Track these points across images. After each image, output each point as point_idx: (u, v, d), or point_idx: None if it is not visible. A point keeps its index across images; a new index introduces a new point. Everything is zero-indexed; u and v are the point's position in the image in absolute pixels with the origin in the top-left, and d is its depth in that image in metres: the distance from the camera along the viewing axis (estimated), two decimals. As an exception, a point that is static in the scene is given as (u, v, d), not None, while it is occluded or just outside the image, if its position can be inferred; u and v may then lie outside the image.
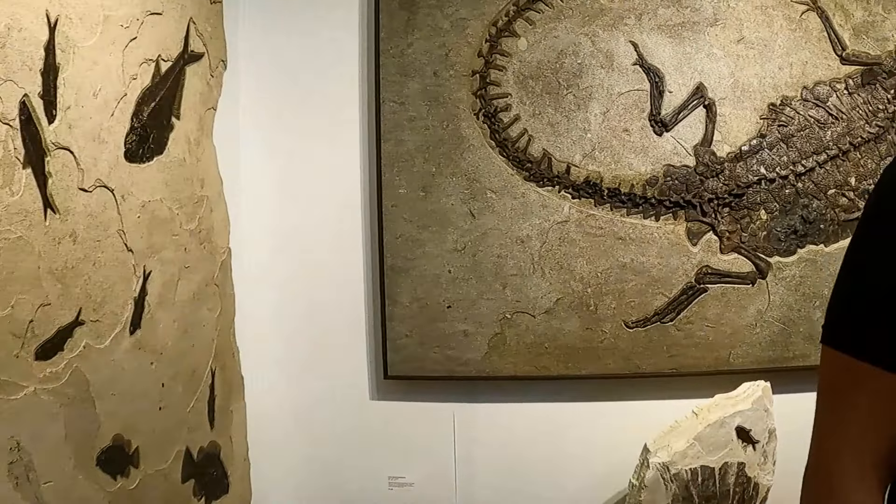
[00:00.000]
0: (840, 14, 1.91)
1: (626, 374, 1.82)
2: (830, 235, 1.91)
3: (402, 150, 1.76)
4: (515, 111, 1.77)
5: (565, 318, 1.79)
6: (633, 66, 1.81)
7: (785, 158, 1.86)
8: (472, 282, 1.77)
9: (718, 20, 1.85)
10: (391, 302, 1.76)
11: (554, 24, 1.79)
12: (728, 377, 1.89)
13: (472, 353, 1.77)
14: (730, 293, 1.86)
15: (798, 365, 1.94)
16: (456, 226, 1.76)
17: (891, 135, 1.92)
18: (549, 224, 1.77)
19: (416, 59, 1.77)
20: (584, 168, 1.77)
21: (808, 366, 1.95)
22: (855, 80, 1.91)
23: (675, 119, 1.81)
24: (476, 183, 1.76)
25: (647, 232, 1.80)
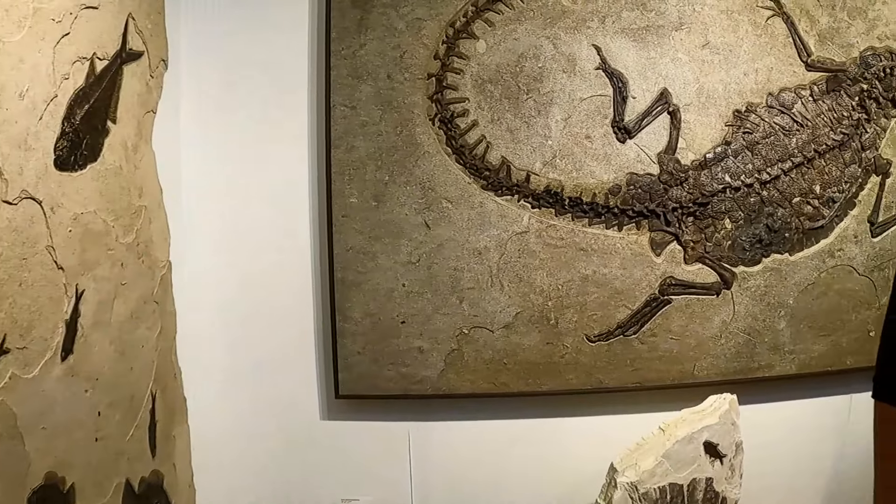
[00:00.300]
0: (806, 20, 1.97)
1: (588, 389, 1.87)
2: (795, 244, 1.98)
3: (353, 157, 1.77)
4: (473, 117, 1.80)
5: (525, 332, 1.83)
6: (596, 71, 1.85)
7: (750, 166, 1.91)
8: (427, 296, 1.79)
9: (683, 24, 1.91)
10: (342, 317, 1.78)
11: (514, 25, 1.83)
12: (693, 390, 1.95)
13: (427, 371, 1.79)
14: (694, 304, 1.91)
15: (763, 376, 2.02)
16: (410, 237, 1.77)
17: (855, 142, 1.99)
18: (508, 235, 1.81)
19: (369, 61, 1.78)
20: (545, 176, 1.81)
21: (774, 376, 2.02)
22: (820, 86, 1.97)
23: (638, 126, 1.86)
24: (431, 192, 1.78)
25: (609, 242, 1.86)
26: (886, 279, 2.11)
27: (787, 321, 2.02)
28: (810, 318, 2.05)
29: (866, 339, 2.14)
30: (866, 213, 2.07)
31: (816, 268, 2.03)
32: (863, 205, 2.06)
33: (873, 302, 2.12)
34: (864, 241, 2.07)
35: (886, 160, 2.07)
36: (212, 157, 1.91)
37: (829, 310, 2.06)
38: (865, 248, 2.08)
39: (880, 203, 2.08)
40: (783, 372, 2.04)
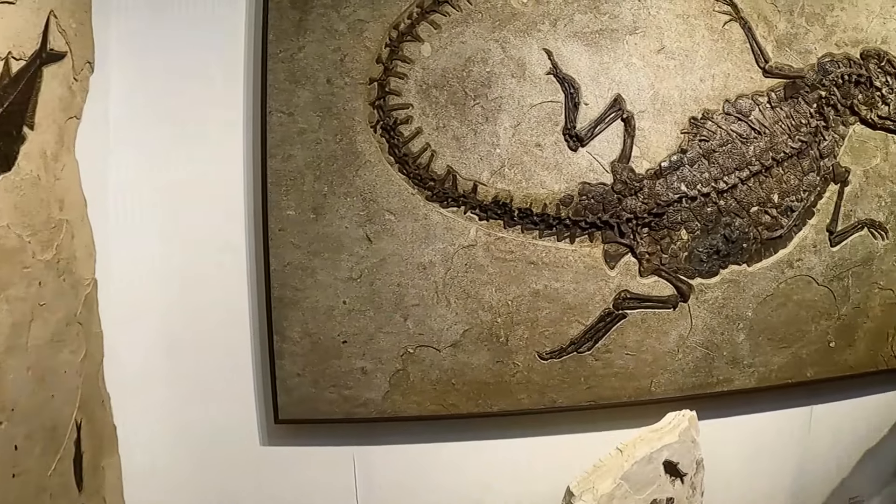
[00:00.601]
0: (763, 25, 2.03)
1: (541, 408, 1.90)
2: (753, 255, 2.02)
3: (290, 167, 1.76)
4: (417, 124, 1.82)
5: (473, 351, 1.85)
6: (547, 76, 1.89)
7: (706, 175, 1.95)
8: (370, 314, 1.80)
9: (638, 28, 1.95)
10: (280, 338, 1.77)
11: (461, 28, 1.85)
12: (651, 407, 2.00)
13: (371, 393, 1.80)
14: (650, 318, 1.95)
15: (723, 390, 2.06)
16: (351, 252, 1.78)
17: (813, 150, 2.04)
18: (454, 248, 1.83)
19: (308, 65, 1.78)
20: (493, 186, 1.83)
21: (733, 390, 2.06)
22: (778, 93, 2.02)
23: (591, 133, 1.89)
24: (373, 203, 1.79)
25: (561, 255, 1.89)
26: (846, 289, 2.18)
27: (746, 334, 2.07)
28: (769, 330, 2.09)
29: (826, 350, 2.19)
30: (825, 222, 2.13)
31: (775, 278, 2.07)
32: (821, 214, 2.12)
33: (833, 312, 2.17)
34: (823, 251, 2.13)
35: (845, 168, 2.13)
36: (142, 166, 1.89)
37: (789, 321, 2.11)
38: (825, 258, 2.13)
39: (839, 212, 2.14)
40: (743, 386, 2.09)
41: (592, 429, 2.00)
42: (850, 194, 2.17)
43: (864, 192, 2.19)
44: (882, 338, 2.31)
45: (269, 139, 1.79)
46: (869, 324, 2.27)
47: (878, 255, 2.24)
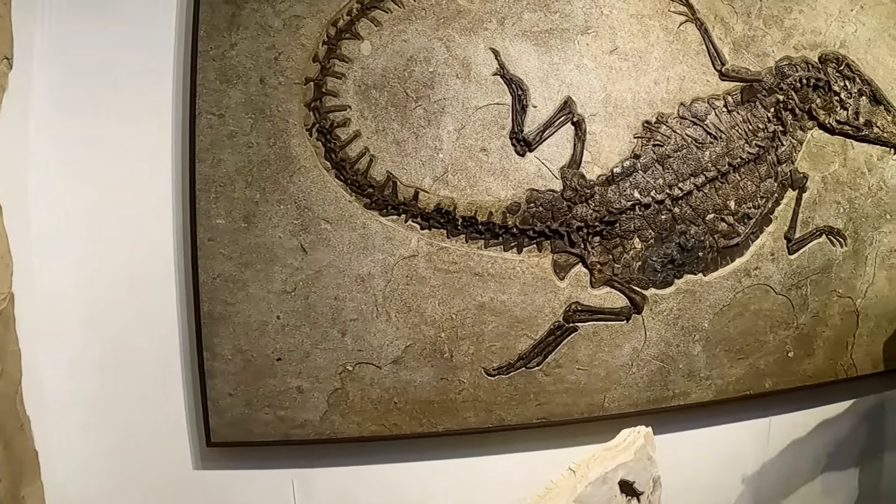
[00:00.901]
0: (720, 27, 1.97)
1: (488, 427, 1.84)
2: (710, 264, 1.97)
3: (220, 172, 1.66)
4: (355, 126, 1.73)
5: (416, 367, 1.77)
6: (494, 77, 1.81)
7: (661, 181, 1.89)
8: (305, 329, 1.71)
9: (590, 28, 1.88)
10: (210, 355, 1.67)
11: (403, 25, 1.76)
12: (604, 423, 1.96)
13: (308, 413, 1.71)
14: (602, 331, 1.89)
15: (679, 404, 1.99)
16: (284, 263, 1.68)
17: (771, 155, 1.99)
18: (395, 259, 1.74)
19: (240, 63, 1.68)
20: (435, 193, 1.75)
21: (689, 404, 2.00)
22: (734, 97, 1.97)
23: (539, 137, 1.82)
24: (308, 211, 1.69)
25: (507, 266, 1.81)
26: (804, 297, 2.13)
27: (703, 345, 2.01)
28: (727, 342, 2.04)
29: (785, 360, 2.15)
30: (783, 230, 2.09)
31: (732, 288, 2.02)
32: (779, 221, 2.07)
33: (791, 321, 2.13)
34: (781, 259, 2.08)
35: (803, 174, 2.08)
36: (65, 170, 1.77)
37: (746, 331, 2.06)
38: (782, 266, 2.09)
39: (797, 219, 2.09)
40: (700, 399, 2.03)
41: (543, 447, 1.94)
42: (809, 201, 2.13)
43: (822, 198, 2.15)
44: (841, 346, 2.27)
45: (198, 142, 1.68)
46: (828, 332, 2.23)
47: (836, 263, 2.20)
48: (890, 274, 2.33)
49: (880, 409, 2.58)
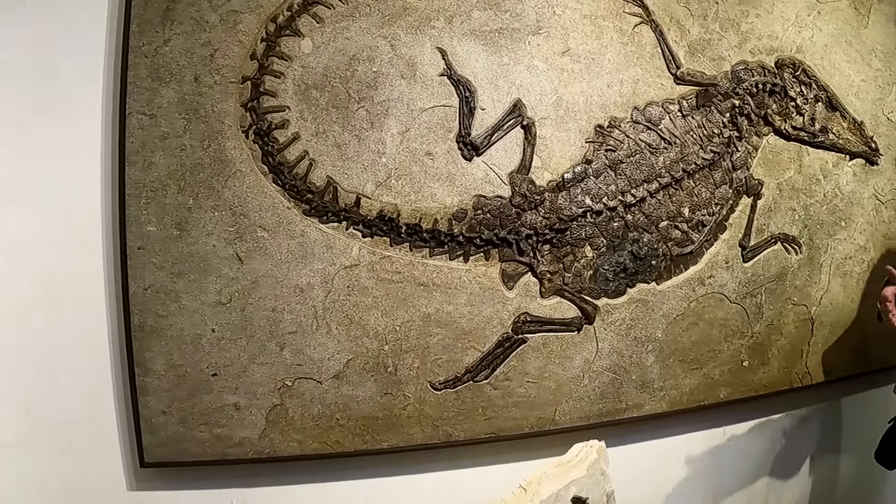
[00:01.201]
0: (676, 29, 1.98)
1: (435, 443, 1.81)
2: (663, 272, 1.97)
3: (151, 176, 1.61)
4: (294, 129, 1.68)
5: (359, 382, 1.73)
6: (440, 78, 1.78)
7: (613, 187, 1.89)
8: (242, 342, 1.66)
9: (542, 28, 1.87)
10: (142, 371, 1.62)
11: (347, 22, 1.72)
12: (555, 437, 1.96)
13: (246, 431, 1.67)
14: (552, 343, 1.89)
15: (632, 416, 1.99)
16: (219, 273, 1.64)
17: (726, 161, 2.00)
18: (335, 269, 1.70)
19: (174, 60, 1.63)
20: (378, 199, 1.72)
21: (643, 416, 2.01)
22: (689, 101, 1.98)
23: (487, 141, 1.80)
24: (244, 218, 1.64)
25: (454, 276, 1.78)
26: (759, 306, 2.15)
27: (656, 356, 2.02)
28: (680, 352, 2.05)
29: (739, 370, 2.17)
30: (737, 237, 2.10)
31: (686, 297, 2.03)
32: (734, 228, 2.09)
33: (746, 331, 2.15)
34: (736, 267, 2.10)
35: (758, 181, 2.10)
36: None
37: (700, 341, 2.08)
38: (737, 274, 2.10)
39: (752, 226, 2.11)
40: (653, 411, 2.04)
41: (493, 463, 1.92)
42: (764, 208, 2.15)
43: (777, 205, 2.17)
44: (796, 355, 2.30)
45: (128, 144, 1.62)
46: (783, 341, 2.26)
47: (791, 271, 2.23)
48: (845, 281, 2.37)
49: (836, 416, 2.63)
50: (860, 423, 2.66)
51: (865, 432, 2.59)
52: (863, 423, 2.65)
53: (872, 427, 2.57)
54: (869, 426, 2.59)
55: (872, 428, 2.57)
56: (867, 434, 2.57)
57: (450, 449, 1.83)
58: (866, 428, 2.61)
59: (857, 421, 2.66)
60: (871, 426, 2.58)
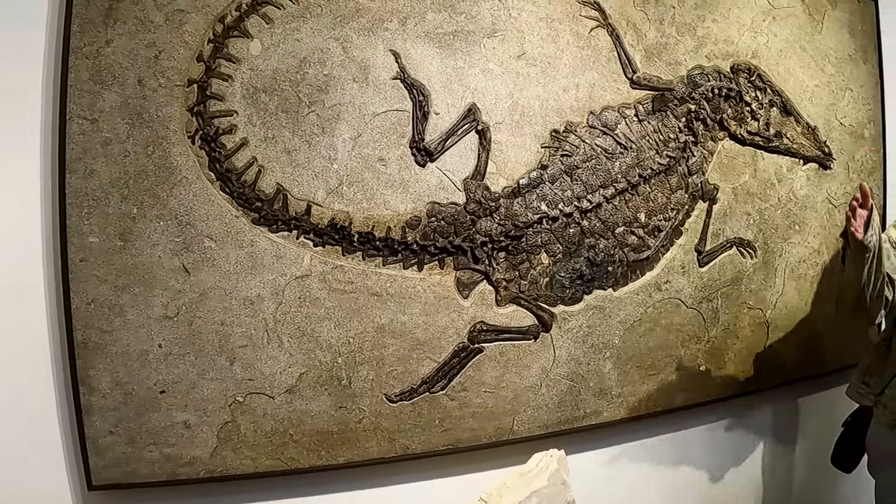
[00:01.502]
0: (632, 33, 2.01)
1: (392, 457, 1.82)
2: (620, 278, 2.01)
3: (92, 184, 1.58)
4: (242, 134, 1.66)
5: (312, 396, 1.73)
6: (393, 81, 1.77)
7: (569, 193, 1.91)
8: (191, 358, 1.64)
9: (497, 31, 1.88)
10: (87, 389, 1.59)
11: (297, 24, 1.70)
12: (514, 447, 1.98)
13: (197, 450, 1.65)
14: (509, 352, 1.90)
15: (590, 424, 2.02)
16: (165, 285, 1.61)
17: (682, 166, 2.04)
18: (286, 279, 1.69)
19: (117, 62, 1.59)
20: (329, 207, 1.71)
21: (601, 423, 2.03)
22: (645, 105, 2.02)
23: (441, 147, 1.81)
24: (190, 228, 1.62)
25: (408, 285, 1.79)
26: (715, 310, 2.20)
27: (614, 362, 2.05)
28: (638, 358, 2.09)
29: (697, 374, 2.22)
30: (693, 242, 2.15)
31: (643, 303, 2.06)
32: (690, 233, 2.14)
33: (702, 335, 2.20)
34: (692, 272, 2.14)
35: (714, 185, 2.15)
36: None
37: (658, 346, 2.12)
38: (693, 279, 2.15)
39: (707, 231, 2.16)
40: (612, 418, 2.07)
41: (452, 474, 1.94)
42: (719, 212, 2.20)
43: (732, 209, 2.23)
44: (752, 358, 2.36)
45: (69, 151, 1.58)
46: (739, 345, 2.32)
47: (746, 275, 2.29)
48: (798, 284, 2.44)
49: (791, 418, 2.71)
50: (814, 423, 2.75)
51: (819, 433, 2.68)
52: (817, 423, 2.75)
53: (825, 428, 2.66)
54: (822, 427, 2.68)
55: (825, 428, 2.66)
56: (821, 435, 2.66)
57: (407, 462, 1.84)
58: (820, 429, 2.70)
59: (811, 422, 2.75)
60: (824, 427, 2.67)
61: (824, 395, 2.76)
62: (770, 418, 2.61)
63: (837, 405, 2.71)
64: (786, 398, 2.63)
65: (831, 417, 2.61)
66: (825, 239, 2.52)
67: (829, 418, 2.60)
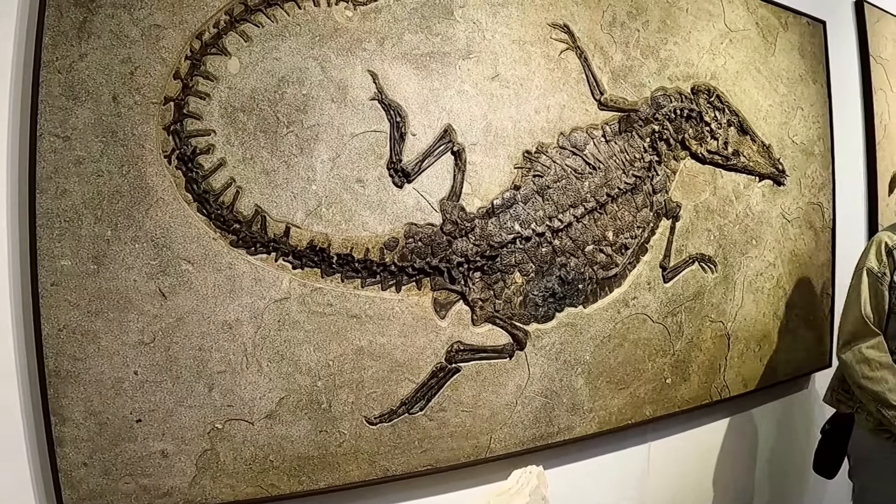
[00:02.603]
0: (600, 56, 2.10)
1: (373, 479, 1.85)
2: (590, 296, 2.09)
3: (64, 205, 1.56)
4: (220, 154, 1.67)
5: (292, 421, 1.75)
6: (371, 102, 1.82)
7: (541, 213, 1.99)
8: (168, 385, 1.64)
9: (472, 53, 1.94)
10: (59, 420, 1.56)
11: (276, 42, 1.72)
12: (492, 465, 2.04)
13: (175, 479, 1.65)
14: (486, 370, 1.96)
15: (564, 439, 2.10)
16: (141, 310, 1.61)
17: (647, 185, 2.14)
18: (265, 303, 1.70)
19: (90, 78, 1.58)
20: (308, 229, 1.74)
21: (574, 438, 2.11)
22: (612, 126, 2.11)
23: (418, 168, 1.86)
24: (167, 251, 1.62)
25: (386, 306, 1.83)
26: (679, 324, 2.31)
27: (585, 378, 2.14)
28: (608, 373, 2.18)
29: (663, 387, 2.32)
30: (658, 259, 2.25)
31: (612, 318, 2.16)
32: (655, 250, 2.24)
33: (668, 349, 2.30)
34: (657, 288, 2.25)
35: (676, 203, 2.26)
36: None
37: (626, 361, 2.21)
38: (658, 295, 2.25)
39: (671, 247, 2.27)
40: (584, 432, 2.16)
41: (432, 494, 1.98)
42: (682, 229, 2.32)
43: (694, 226, 2.35)
44: (714, 369, 2.49)
45: (39, 169, 1.54)
46: (702, 357, 2.44)
47: (708, 289, 2.41)
48: (756, 297, 2.59)
49: (751, 426, 2.85)
50: (775, 430, 2.91)
51: (779, 439, 2.84)
52: (778, 430, 2.91)
53: (785, 434, 2.81)
54: (781, 433, 2.84)
55: (785, 435, 2.81)
56: (781, 440, 2.82)
57: (388, 484, 1.87)
58: (779, 435, 2.85)
59: (772, 428, 2.91)
60: (783, 433, 2.83)
61: (782, 403, 2.92)
62: (732, 426, 2.75)
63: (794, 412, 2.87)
64: (747, 406, 2.78)
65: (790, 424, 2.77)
66: (780, 252, 2.68)
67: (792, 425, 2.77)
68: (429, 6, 1.89)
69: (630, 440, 2.40)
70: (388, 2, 1.84)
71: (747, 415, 2.82)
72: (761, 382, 2.69)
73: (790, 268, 2.75)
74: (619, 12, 2.18)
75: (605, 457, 2.35)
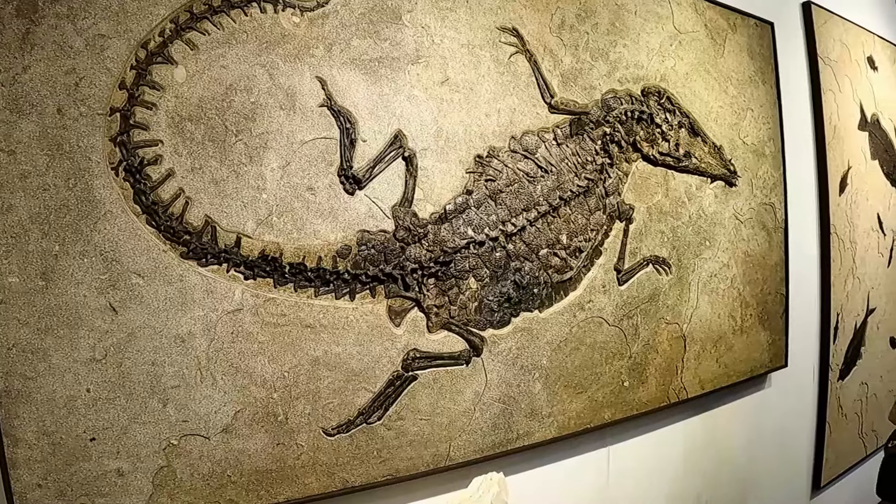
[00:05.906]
0: (549, 59, 2.26)
1: (332, 492, 1.95)
2: (545, 300, 2.24)
3: (10, 220, 1.62)
4: (168, 164, 1.76)
5: (249, 435, 1.84)
6: (320, 109, 1.93)
7: (494, 217, 2.13)
8: (121, 401, 1.72)
9: (421, 57, 2.08)
10: (11, 441, 1.62)
11: (223, 50, 1.82)
12: (451, 473, 2.16)
13: (132, 498, 1.73)
14: (443, 378, 2.10)
15: (523, 445, 2.25)
16: (91, 326, 1.69)
17: (599, 188, 2.31)
18: (217, 315, 1.80)
19: (34, 90, 1.64)
20: (259, 238, 1.84)
21: (534, 444, 2.26)
22: (563, 129, 2.26)
23: (369, 174, 1.97)
24: (116, 264, 1.71)
25: (340, 315, 1.94)
26: (635, 327, 2.48)
27: (543, 383, 2.28)
28: (565, 377, 2.33)
29: (621, 390, 2.49)
30: (612, 262, 2.42)
31: (567, 323, 2.31)
32: (609, 253, 2.41)
33: (625, 352, 2.47)
34: (612, 291, 2.41)
35: (629, 205, 2.44)
36: None
37: (583, 365, 2.37)
38: (614, 298, 2.42)
39: (625, 250, 2.44)
40: (543, 437, 2.31)
41: (393, 504, 2.09)
42: (635, 232, 2.49)
43: (647, 228, 2.53)
44: (671, 371, 2.67)
45: (-19, 185, 1.63)
46: (658, 359, 2.61)
47: (663, 291, 2.59)
48: (711, 298, 2.78)
49: (710, 427, 3.05)
50: (733, 430, 3.11)
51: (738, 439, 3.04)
52: (736, 430, 3.11)
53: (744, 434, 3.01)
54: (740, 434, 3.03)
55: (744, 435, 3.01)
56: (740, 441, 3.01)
57: (347, 496, 1.98)
58: (738, 435, 3.05)
59: (732, 429, 3.11)
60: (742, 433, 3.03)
61: (740, 403, 3.13)
62: (689, 428, 2.93)
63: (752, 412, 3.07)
64: (705, 408, 2.98)
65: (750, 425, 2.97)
66: (733, 253, 2.89)
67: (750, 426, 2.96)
68: (377, 11, 2.01)
69: (590, 444, 2.56)
70: (336, 7, 1.96)
71: (706, 416, 3.01)
72: (718, 383, 2.88)
73: (744, 268, 2.96)
74: (567, 15, 2.35)
75: (566, 461, 2.50)
